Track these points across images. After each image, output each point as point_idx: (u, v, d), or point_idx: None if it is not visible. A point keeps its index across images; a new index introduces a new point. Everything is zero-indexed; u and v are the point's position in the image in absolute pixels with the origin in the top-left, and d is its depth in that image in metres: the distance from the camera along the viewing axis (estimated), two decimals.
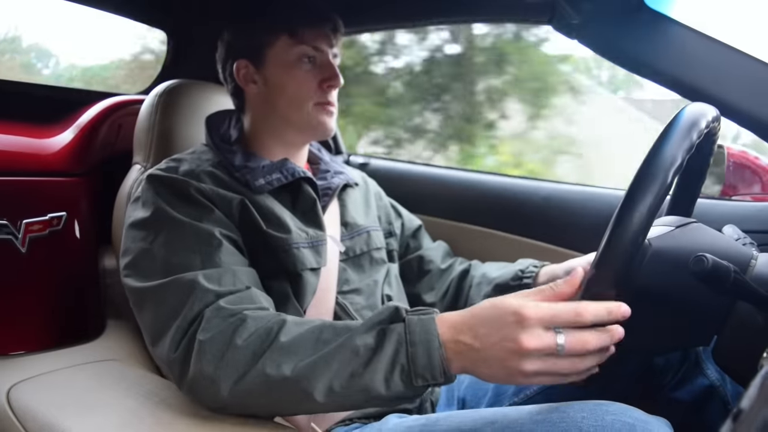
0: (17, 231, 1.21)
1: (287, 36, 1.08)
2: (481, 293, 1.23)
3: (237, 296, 0.87)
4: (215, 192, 0.99)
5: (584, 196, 1.43)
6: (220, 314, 0.83)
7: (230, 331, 0.81)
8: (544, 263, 1.21)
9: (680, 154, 0.68)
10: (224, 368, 0.79)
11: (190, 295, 0.86)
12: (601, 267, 0.70)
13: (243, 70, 1.12)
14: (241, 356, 0.79)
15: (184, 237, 0.93)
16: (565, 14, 1.07)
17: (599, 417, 0.73)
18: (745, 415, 0.41)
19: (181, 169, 1.02)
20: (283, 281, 1.02)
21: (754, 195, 1.25)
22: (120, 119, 1.42)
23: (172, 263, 0.90)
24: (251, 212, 1.01)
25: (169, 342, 0.86)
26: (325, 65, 1.11)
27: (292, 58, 1.09)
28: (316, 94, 1.10)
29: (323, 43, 1.11)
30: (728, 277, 0.67)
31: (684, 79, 0.99)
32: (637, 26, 1.03)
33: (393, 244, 1.32)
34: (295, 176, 1.09)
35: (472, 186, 1.62)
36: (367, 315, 1.11)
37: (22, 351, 1.19)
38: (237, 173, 1.05)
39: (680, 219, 0.83)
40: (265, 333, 0.80)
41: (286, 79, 1.09)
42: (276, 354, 0.78)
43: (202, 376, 0.82)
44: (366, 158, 1.87)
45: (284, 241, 1.02)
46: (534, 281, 1.17)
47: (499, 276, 1.22)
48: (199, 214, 0.96)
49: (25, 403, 0.98)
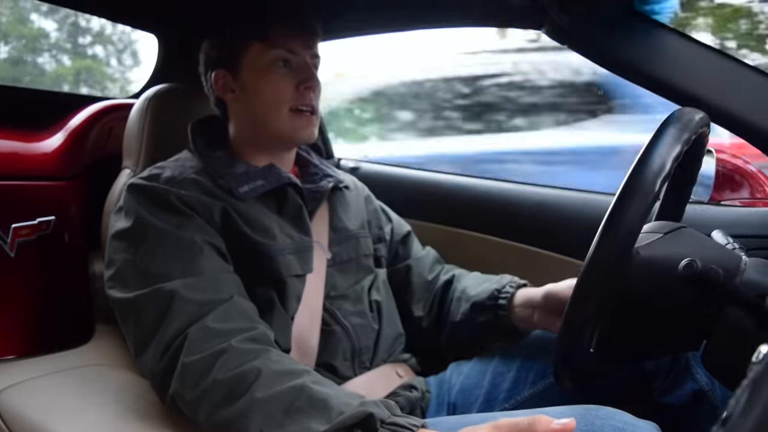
0: (6, 235, 1.20)
1: (260, 41, 1.07)
2: (460, 310, 1.22)
3: (221, 310, 0.87)
4: (197, 199, 0.99)
5: (577, 200, 1.43)
6: (205, 335, 0.83)
7: (212, 360, 0.81)
8: (522, 282, 1.20)
9: (668, 164, 0.68)
10: (202, 396, 0.80)
11: (171, 307, 0.86)
12: (587, 277, 0.70)
13: (221, 80, 1.11)
14: (218, 391, 0.79)
15: (165, 245, 0.93)
16: (556, 20, 1.07)
17: (589, 421, 0.73)
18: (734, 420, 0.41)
19: (163, 177, 1.02)
20: (269, 288, 1.01)
21: (743, 200, 1.26)
22: (110, 123, 1.42)
23: (152, 273, 0.90)
24: (234, 219, 1.00)
25: (152, 356, 0.86)
26: (300, 67, 1.09)
27: (266, 63, 1.08)
28: (293, 98, 1.08)
29: (298, 45, 1.09)
30: (717, 282, 0.68)
31: (674, 84, 1.00)
32: (628, 31, 1.04)
33: (382, 250, 1.31)
34: (280, 182, 1.09)
35: (463, 190, 1.62)
36: (355, 321, 1.10)
37: (10, 356, 1.18)
38: (221, 180, 1.05)
39: (669, 224, 0.83)
40: (241, 379, 0.79)
41: (262, 84, 1.08)
42: (246, 407, 0.76)
43: (180, 398, 0.83)
44: (356, 162, 1.87)
45: (269, 248, 1.01)
46: (509, 302, 1.16)
47: (476, 294, 1.21)
48: (180, 222, 0.96)
49: (13, 408, 0.98)
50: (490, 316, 1.17)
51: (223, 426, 0.78)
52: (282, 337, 1.00)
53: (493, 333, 1.20)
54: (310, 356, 1.05)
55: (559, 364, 0.75)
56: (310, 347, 1.05)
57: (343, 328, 1.09)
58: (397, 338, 1.21)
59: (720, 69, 0.99)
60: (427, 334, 1.28)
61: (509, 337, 1.19)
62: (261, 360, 0.81)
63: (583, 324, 0.71)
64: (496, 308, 1.17)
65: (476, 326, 1.20)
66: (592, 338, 0.76)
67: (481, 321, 1.19)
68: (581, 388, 0.77)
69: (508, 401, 1.09)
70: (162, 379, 0.85)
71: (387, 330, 1.17)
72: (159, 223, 0.95)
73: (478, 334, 1.21)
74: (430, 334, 1.28)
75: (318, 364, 1.06)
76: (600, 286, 0.69)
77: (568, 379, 0.76)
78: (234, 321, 0.87)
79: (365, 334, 1.12)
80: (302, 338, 1.05)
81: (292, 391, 0.76)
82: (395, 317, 1.24)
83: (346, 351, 1.09)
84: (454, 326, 1.23)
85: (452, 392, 1.16)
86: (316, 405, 0.74)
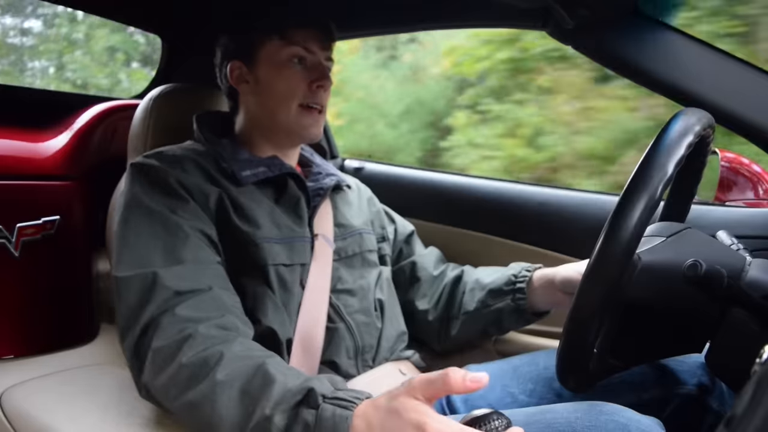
0: (10, 235, 1.21)
1: (278, 37, 1.09)
2: (474, 299, 1.23)
3: (196, 299, 0.88)
4: (195, 183, 1.00)
5: (580, 201, 1.43)
6: (173, 321, 0.85)
7: (178, 345, 0.82)
8: (537, 266, 1.21)
9: (671, 167, 0.68)
10: (169, 381, 0.82)
11: (150, 293, 0.88)
12: (590, 281, 0.70)
13: (236, 70, 1.13)
14: (183, 375, 0.80)
15: (152, 225, 0.94)
16: (560, 20, 1.07)
17: (593, 417, 0.73)
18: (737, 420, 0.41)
19: (165, 158, 1.03)
20: (258, 277, 1.02)
21: (747, 201, 1.26)
22: (114, 123, 1.42)
23: (135, 254, 0.92)
24: (226, 206, 1.02)
25: (128, 344, 0.88)
26: (314, 66, 1.12)
27: (282, 58, 1.10)
28: (304, 95, 1.11)
29: (314, 45, 1.12)
30: (721, 283, 0.67)
31: (678, 85, 1.00)
32: (632, 32, 1.04)
33: (386, 249, 1.32)
34: (282, 171, 1.10)
35: (467, 190, 1.62)
36: (359, 319, 1.11)
37: (15, 355, 1.18)
38: (224, 164, 1.06)
39: (673, 226, 0.83)
40: (204, 362, 0.80)
41: (276, 78, 1.10)
42: (208, 389, 0.78)
43: (152, 386, 0.85)
44: (361, 162, 1.87)
45: (253, 236, 1.02)
46: (528, 285, 1.17)
47: (492, 282, 1.22)
48: (173, 205, 0.97)
49: (17, 407, 0.98)
50: (507, 302, 1.18)
51: (189, 409, 0.79)
52: (279, 326, 1.00)
53: (508, 320, 1.20)
54: (315, 351, 1.05)
55: (563, 365, 0.75)
56: (315, 341, 1.05)
57: (347, 325, 1.09)
58: (400, 336, 1.21)
59: (724, 70, 0.99)
60: (434, 330, 1.29)
61: (522, 324, 1.21)
62: (225, 345, 0.82)
63: (586, 325, 0.71)
64: (514, 292, 1.17)
65: (491, 314, 1.20)
66: (595, 339, 0.76)
67: (498, 307, 1.19)
68: (584, 388, 0.77)
69: None
70: (137, 367, 0.88)
71: (389, 329, 1.18)
72: (151, 203, 0.96)
73: (491, 324, 1.22)
74: (437, 330, 1.29)
75: (321, 361, 1.06)
76: (603, 291, 0.69)
77: (572, 380, 0.76)
78: (205, 311, 0.87)
79: (368, 333, 1.12)
80: (307, 331, 1.05)
81: (249, 370, 0.78)
82: (398, 316, 1.24)
83: (350, 349, 1.09)
84: (466, 318, 1.24)
85: None
86: (267, 384, 0.76)
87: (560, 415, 0.75)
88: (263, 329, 0.99)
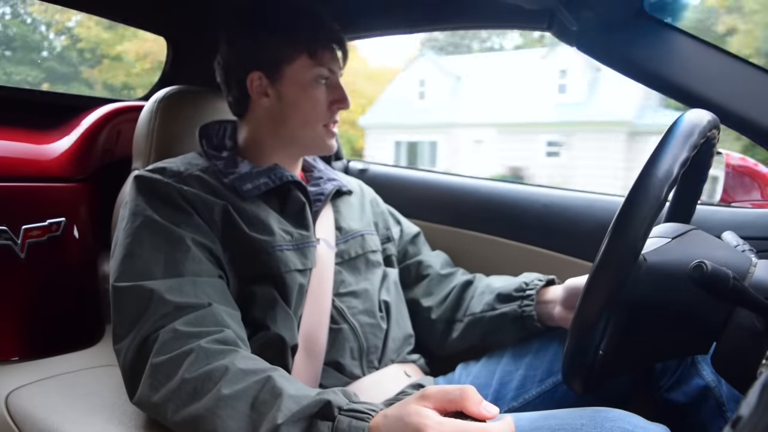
0: (16, 237, 1.21)
1: (307, 56, 1.09)
2: (482, 302, 1.22)
3: (196, 315, 0.88)
4: (198, 196, 1.00)
5: (584, 202, 1.43)
6: (174, 336, 0.84)
7: (179, 360, 0.82)
8: (551, 277, 1.20)
9: (675, 169, 0.68)
10: (169, 396, 0.81)
11: (148, 307, 0.87)
12: (595, 282, 0.70)
13: (257, 82, 1.11)
14: (185, 389, 0.79)
15: (155, 238, 0.94)
16: (565, 21, 1.07)
17: (598, 423, 0.73)
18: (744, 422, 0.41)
19: (169, 171, 1.03)
20: (269, 285, 1.02)
21: (754, 202, 1.25)
22: (119, 125, 1.43)
23: (136, 265, 0.92)
24: (233, 217, 1.01)
25: (124, 353, 0.88)
26: (336, 87, 1.13)
27: (309, 78, 1.10)
28: (326, 115, 1.13)
29: (336, 65, 1.14)
30: (727, 284, 0.67)
31: (684, 87, 0.99)
32: (637, 33, 1.03)
33: (391, 249, 1.32)
34: (283, 180, 1.10)
35: (472, 192, 1.62)
36: (363, 320, 1.11)
37: (21, 357, 1.19)
38: (226, 179, 1.06)
39: (678, 227, 0.82)
40: (208, 377, 0.79)
41: (302, 98, 1.11)
42: (213, 403, 0.77)
43: (147, 399, 0.84)
44: (365, 164, 1.87)
45: (267, 244, 1.02)
46: (537, 294, 1.15)
47: (503, 286, 1.22)
48: (176, 218, 0.97)
49: (23, 409, 0.98)
50: (514, 307, 1.17)
51: (191, 423, 0.78)
52: (288, 333, 1.01)
53: (510, 328, 1.18)
54: (318, 353, 1.05)
55: (568, 366, 0.75)
56: (318, 344, 1.06)
57: (351, 326, 1.10)
58: (406, 339, 1.21)
59: (729, 71, 0.98)
60: (436, 330, 1.28)
61: (524, 333, 1.18)
62: (228, 359, 0.82)
63: (592, 327, 0.71)
64: (523, 299, 1.16)
65: (495, 318, 1.19)
66: (601, 341, 0.76)
67: (503, 311, 1.18)
68: (590, 390, 0.77)
69: (516, 399, 1.09)
70: (130, 378, 0.87)
71: (395, 330, 1.18)
72: (155, 215, 0.96)
73: (493, 330, 1.20)
74: (439, 331, 1.28)
75: (326, 362, 1.06)
76: (608, 292, 0.69)
77: (577, 381, 0.76)
78: (206, 326, 0.87)
79: (373, 334, 1.13)
80: (310, 334, 1.05)
81: (257, 385, 0.77)
82: (405, 319, 1.24)
83: (354, 349, 1.09)
84: (471, 321, 1.23)
85: None
86: (276, 397, 0.75)
87: (565, 421, 0.75)
88: (271, 335, 0.99)
